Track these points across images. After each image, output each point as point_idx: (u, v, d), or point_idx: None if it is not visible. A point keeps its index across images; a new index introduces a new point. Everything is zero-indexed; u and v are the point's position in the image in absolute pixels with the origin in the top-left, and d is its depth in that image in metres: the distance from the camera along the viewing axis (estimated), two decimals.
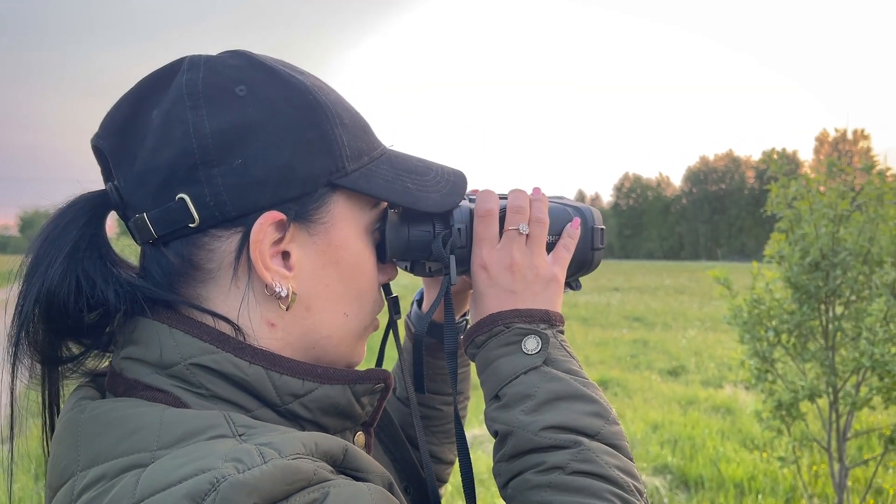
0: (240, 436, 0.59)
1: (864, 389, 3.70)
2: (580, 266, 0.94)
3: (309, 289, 0.72)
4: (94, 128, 0.72)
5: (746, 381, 4.21)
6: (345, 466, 0.63)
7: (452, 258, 0.83)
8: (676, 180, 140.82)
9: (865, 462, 4.53)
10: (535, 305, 0.85)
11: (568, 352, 0.85)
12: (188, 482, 0.52)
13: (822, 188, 3.82)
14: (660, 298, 22.69)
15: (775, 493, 5.10)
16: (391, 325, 0.89)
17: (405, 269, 0.91)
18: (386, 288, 0.84)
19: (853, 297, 3.73)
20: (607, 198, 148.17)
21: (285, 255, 0.71)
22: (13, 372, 0.69)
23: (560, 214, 0.92)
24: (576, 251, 0.91)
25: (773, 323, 3.90)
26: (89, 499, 0.57)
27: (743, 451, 6.06)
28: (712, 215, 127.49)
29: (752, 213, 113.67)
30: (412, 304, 1.08)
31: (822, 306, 3.76)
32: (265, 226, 0.68)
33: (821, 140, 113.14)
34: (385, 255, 0.81)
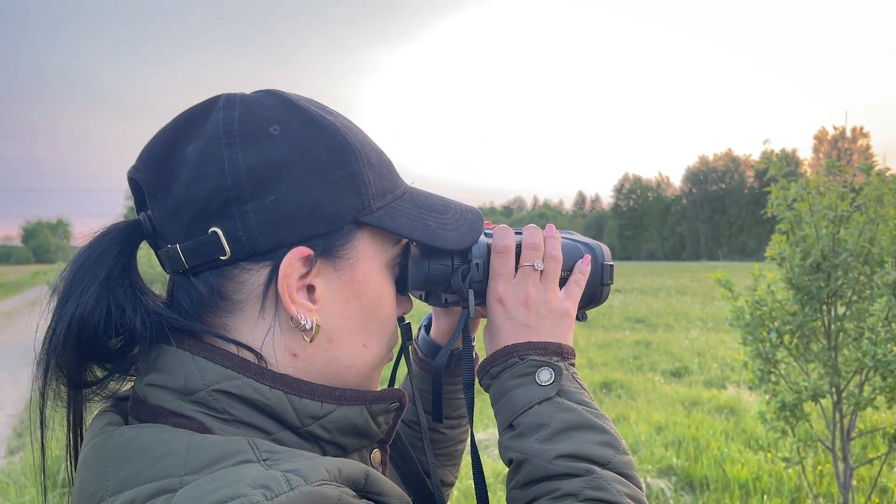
0: (264, 461, 0.61)
1: (867, 389, 3.72)
2: (590, 300, 0.99)
3: (332, 321, 0.74)
4: (97, 139, 0.76)
5: (750, 381, 4.21)
6: (366, 490, 0.65)
7: (471, 292, 0.87)
8: (676, 180, 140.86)
9: (870, 461, 4.54)
10: (549, 339, 0.88)
11: (580, 384, 0.88)
12: None
13: (821, 189, 3.83)
14: (662, 299, 22.67)
15: (780, 493, 5.11)
16: (404, 349, 0.92)
17: (419, 298, 0.95)
18: (399, 318, 0.87)
19: (855, 298, 3.74)
20: (607, 199, 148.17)
21: (310, 289, 0.73)
22: (43, 393, 0.70)
23: (572, 251, 0.96)
24: (586, 286, 0.95)
25: (776, 324, 3.92)
26: None
27: (747, 452, 6.06)
28: (712, 215, 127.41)
29: (753, 212, 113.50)
30: (419, 328, 1.11)
31: (824, 307, 3.78)
32: (293, 260, 0.70)
33: (819, 138, 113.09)
34: (404, 287, 0.84)
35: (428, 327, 1.10)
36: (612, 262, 0.99)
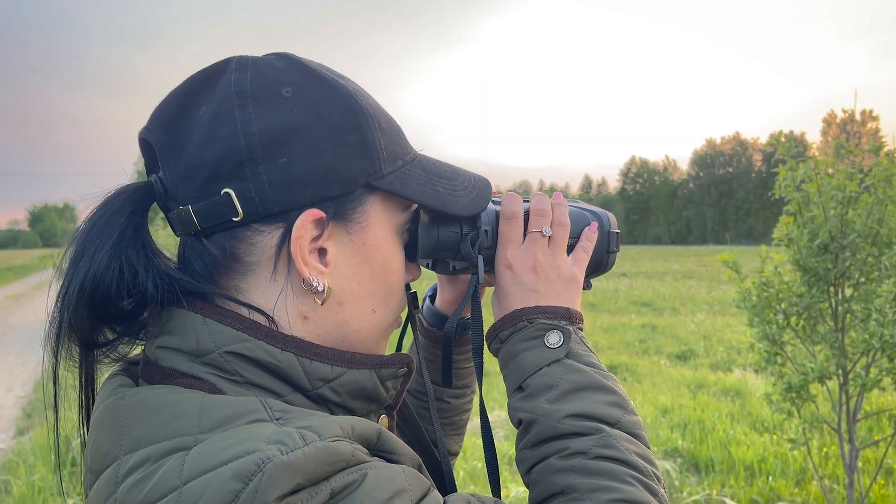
0: (277, 420, 0.62)
1: (873, 371, 3.71)
2: (596, 267, 0.99)
3: (342, 285, 0.75)
4: (102, 124, 0.76)
5: (756, 364, 4.21)
6: (378, 448, 0.66)
7: (480, 258, 0.88)
8: (683, 164, 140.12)
9: (876, 443, 4.54)
10: (558, 303, 0.89)
11: (588, 347, 0.88)
12: (235, 463, 0.55)
13: (829, 170, 3.80)
14: (668, 283, 22.66)
15: (786, 474, 5.12)
16: (410, 318, 0.93)
17: (427, 267, 0.95)
18: (405, 285, 0.87)
19: (862, 279, 3.72)
20: (614, 183, 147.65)
21: (322, 252, 0.73)
22: (56, 353, 0.71)
23: (579, 218, 0.96)
24: (592, 253, 0.96)
25: (783, 306, 3.91)
26: (135, 481, 0.59)
27: (753, 434, 6.08)
28: (720, 199, 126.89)
29: (760, 196, 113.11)
30: (424, 298, 1.11)
31: (832, 288, 3.76)
32: (306, 222, 0.70)
33: (828, 121, 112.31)
34: (413, 254, 0.84)
35: (433, 298, 1.11)
36: (618, 230, 1.00)
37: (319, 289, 0.72)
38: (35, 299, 21.21)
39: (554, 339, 0.85)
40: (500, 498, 0.80)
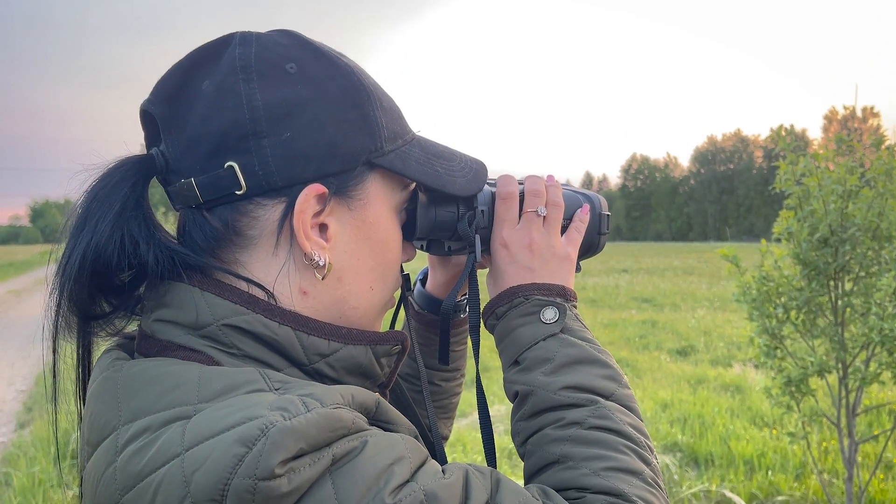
0: (276, 390, 0.62)
1: (873, 365, 3.71)
2: (587, 248, 1.01)
3: (342, 261, 0.75)
4: (105, 119, 0.77)
5: (756, 358, 4.21)
6: (376, 418, 0.67)
7: (477, 237, 0.89)
8: (684, 161, 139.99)
9: (875, 437, 4.54)
10: (552, 281, 0.90)
11: (582, 323, 0.90)
12: (238, 429, 0.55)
13: (830, 165, 3.80)
14: (668, 279, 22.66)
15: (785, 469, 5.13)
16: (403, 299, 0.94)
17: (421, 249, 0.96)
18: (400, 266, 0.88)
19: (862, 273, 3.72)
20: (615, 179, 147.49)
21: (323, 228, 0.74)
22: (56, 323, 0.71)
23: (571, 200, 0.99)
24: (586, 234, 0.98)
25: (782, 300, 3.90)
26: (135, 450, 0.59)
27: (752, 429, 6.09)
28: (721, 195, 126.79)
29: (761, 192, 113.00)
30: (415, 282, 1.12)
31: (831, 282, 3.76)
32: (309, 197, 0.71)
33: (829, 118, 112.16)
34: (411, 233, 0.85)
35: (423, 281, 1.12)
36: (608, 213, 1.02)
37: (321, 263, 0.73)
38: (36, 294, 21.21)
39: (550, 314, 0.86)
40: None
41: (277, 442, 0.54)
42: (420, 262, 1.05)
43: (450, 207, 0.89)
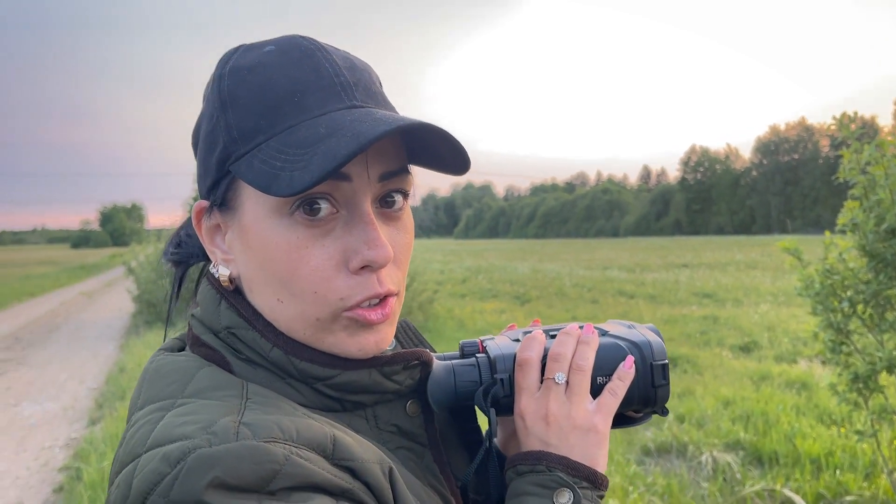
0: (248, 401, 0.66)
1: None
2: (644, 403, 0.88)
3: (244, 272, 0.77)
4: (169, 125, 0.82)
5: (822, 354, 4.07)
6: (336, 457, 0.65)
7: (492, 411, 0.82)
8: (746, 152, 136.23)
9: None
10: (581, 459, 0.80)
11: None
12: (170, 446, 0.59)
13: None
14: (730, 274, 22.08)
15: (854, 468, 4.96)
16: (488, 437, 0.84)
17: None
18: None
19: None
20: (674, 172, 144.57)
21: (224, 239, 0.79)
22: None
23: (612, 353, 0.86)
24: (635, 389, 0.85)
25: (848, 293, 3.77)
26: (130, 435, 0.66)
27: (819, 427, 5.90)
28: (785, 187, 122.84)
29: (828, 183, 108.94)
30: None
31: None
32: (199, 213, 0.78)
33: None
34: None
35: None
36: (665, 360, 0.87)
37: (225, 274, 0.77)
38: (105, 296, 22.06)
39: (564, 498, 0.76)
40: None
41: (192, 468, 0.57)
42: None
43: (470, 377, 0.83)
